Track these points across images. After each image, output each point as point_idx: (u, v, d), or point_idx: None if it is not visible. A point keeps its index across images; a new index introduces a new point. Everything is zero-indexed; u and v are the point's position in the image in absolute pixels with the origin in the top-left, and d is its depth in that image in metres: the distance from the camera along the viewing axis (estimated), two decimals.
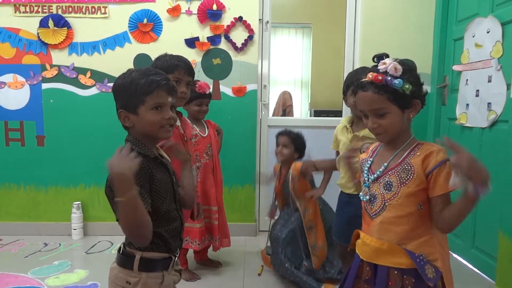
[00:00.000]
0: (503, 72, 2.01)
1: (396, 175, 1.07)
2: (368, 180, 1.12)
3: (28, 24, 2.65)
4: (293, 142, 2.09)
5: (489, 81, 2.11)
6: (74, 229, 2.73)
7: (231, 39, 2.67)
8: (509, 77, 1.87)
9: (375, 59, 1.11)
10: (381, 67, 1.05)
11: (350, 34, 2.83)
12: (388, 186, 1.08)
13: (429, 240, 1.07)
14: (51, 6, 2.64)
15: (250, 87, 2.73)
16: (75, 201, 2.75)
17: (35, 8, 2.64)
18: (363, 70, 1.14)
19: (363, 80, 1.07)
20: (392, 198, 1.07)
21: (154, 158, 1.11)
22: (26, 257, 2.42)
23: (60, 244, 2.64)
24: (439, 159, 1.04)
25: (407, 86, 1.04)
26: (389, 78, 1.03)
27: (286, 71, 5.11)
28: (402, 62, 1.07)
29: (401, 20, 2.71)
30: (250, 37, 2.68)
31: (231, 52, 2.70)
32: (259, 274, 2.20)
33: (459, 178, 0.93)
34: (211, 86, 2.68)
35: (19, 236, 2.75)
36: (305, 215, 2.02)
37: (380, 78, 1.03)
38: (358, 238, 1.19)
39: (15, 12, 2.65)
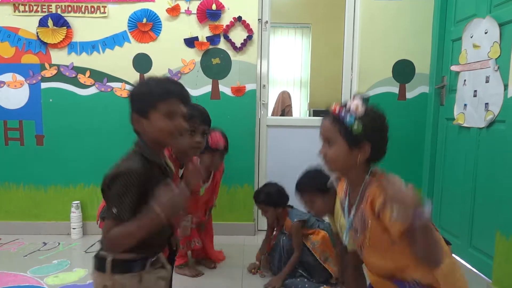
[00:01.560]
0: (500, 72, 2.02)
1: (358, 222, 1.11)
2: (347, 224, 1.16)
3: (28, 24, 2.66)
4: (270, 204, 2.09)
5: (487, 81, 2.13)
6: (74, 229, 2.73)
7: (230, 39, 2.68)
8: (507, 78, 1.88)
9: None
10: (349, 103, 1.10)
11: (349, 35, 2.83)
12: (355, 231, 1.12)
13: (417, 267, 1.05)
14: (50, 5, 2.64)
15: (249, 86, 2.73)
16: (74, 200, 2.75)
17: (34, 8, 2.64)
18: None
19: (326, 109, 1.15)
20: (363, 241, 1.10)
21: (158, 165, 1.12)
22: (26, 256, 2.43)
23: (59, 243, 2.64)
24: (380, 203, 1.03)
25: (355, 127, 1.07)
26: (343, 114, 1.08)
27: (285, 71, 5.12)
28: (372, 108, 1.10)
29: (399, 20, 2.72)
30: (249, 37, 2.68)
31: (230, 52, 2.70)
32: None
33: (395, 210, 0.92)
34: (210, 86, 2.72)
35: (18, 235, 2.76)
36: (315, 249, 2.01)
37: (337, 111, 1.09)
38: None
39: (15, 11, 2.65)
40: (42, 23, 2.64)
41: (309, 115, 4.81)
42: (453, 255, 2.44)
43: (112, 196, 1.02)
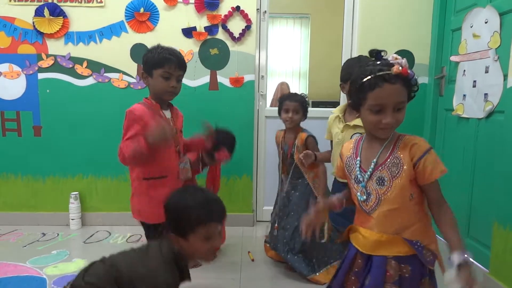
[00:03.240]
0: (500, 62, 2.01)
1: (387, 170, 1.09)
2: (363, 180, 1.13)
3: (24, 13, 2.63)
4: (302, 107, 2.08)
5: (486, 71, 2.12)
6: (72, 219, 2.74)
7: (228, 29, 2.66)
8: (506, 68, 1.87)
9: (374, 54, 1.10)
10: (396, 61, 1.03)
11: (348, 25, 2.81)
12: (380, 181, 1.10)
13: (422, 227, 1.11)
14: None
15: (247, 77, 2.72)
16: (73, 191, 2.75)
17: None
18: (366, 60, 1.13)
19: (388, 73, 1.02)
20: (386, 192, 1.08)
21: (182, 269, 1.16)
22: (25, 246, 2.43)
23: (58, 234, 2.65)
24: (423, 149, 1.07)
25: (417, 86, 1.08)
26: (412, 73, 1.04)
27: (284, 61, 5.09)
28: None
29: (399, 10, 2.69)
30: (248, 27, 2.66)
31: (229, 42, 2.68)
32: (252, 260, 2.26)
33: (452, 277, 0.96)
34: (209, 77, 2.70)
35: (17, 226, 2.76)
36: (315, 186, 2.03)
37: (409, 72, 1.03)
38: (350, 232, 1.21)
39: (10, 1, 2.61)
40: (38, 12, 2.61)
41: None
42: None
43: None
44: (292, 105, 2.06)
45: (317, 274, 2.00)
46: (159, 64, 1.68)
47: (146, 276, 1.05)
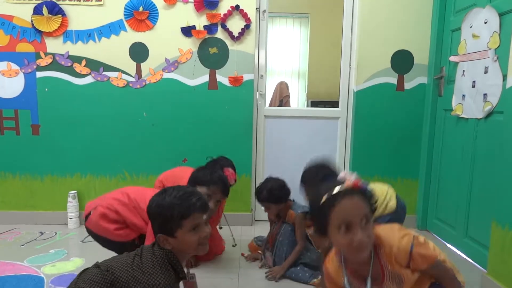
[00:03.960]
0: (499, 63, 2.01)
1: (391, 284, 1.09)
2: None
3: (22, 11, 2.61)
4: (273, 201, 2.08)
5: (486, 72, 2.12)
6: (70, 218, 2.73)
7: (227, 28, 2.65)
8: (505, 68, 1.87)
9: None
10: (347, 177, 1.07)
11: (348, 25, 2.81)
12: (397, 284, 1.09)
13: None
14: None
15: (246, 76, 2.71)
16: (71, 190, 2.74)
17: None
18: (330, 193, 1.05)
19: (343, 189, 1.01)
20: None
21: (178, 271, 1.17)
22: (22, 245, 2.43)
23: (56, 233, 2.64)
24: (406, 253, 1.05)
25: (373, 196, 1.07)
26: (364, 187, 1.04)
27: (283, 61, 5.08)
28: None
29: (399, 10, 2.69)
30: (247, 26, 2.65)
31: (228, 41, 2.68)
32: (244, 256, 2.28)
33: None
34: (208, 76, 2.70)
35: (15, 225, 2.75)
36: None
37: (360, 185, 1.02)
38: None
39: None
40: (37, 10, 2.60)
41: (307, 106, 4.78)
42: (449, 245, 2.47)
43: None
44: (262, 204, 2.12)
45: (319, 278, 1.99)
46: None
47: (142, 279, 1.06)
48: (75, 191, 2.75)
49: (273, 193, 2.07)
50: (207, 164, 2.21)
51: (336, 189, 1.01)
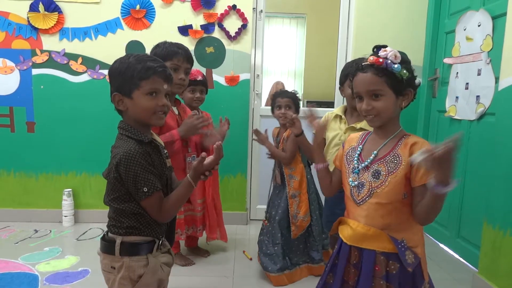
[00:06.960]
0: (492, 65, 2.04)
1: (385, 164, 1.10)
2: (358, 167, 1.15)
3: (18, 8, 2.60)
4: (294, 103, 2.09)
5: (479, 74, 2.15)
6: (65, 216, 2.73)
7: (224, 28, 2.66)
8: (498, 71, 1.90)
9: (374, 49, 1.15)
10: (382, 53, 1.09)
11: (344, 25, 2.83)
12: (376, 174, 1.10)
13: (411, 228, 1.11)
14: None
15: (243, 76, 2.73)
16: (66, 188, 2.74)
17: None
18: (361, 60, 1.17)
19: (364, 63, 1.12)
20: (380, 186, 1.09)
21: (149, 142, 1.12)
22: (17, 243, 2.42)
23: (51, 231, 2.63)
24: (422, 151, 1.06)
25: (404, 72, 1.09)
26: (389, 62, 1.07)
27: (279, 61, 5.10)
28: (401, 53, 1.12)
29: (394, 12, 2.72)
30: (244, 26, 2.67)
31: (225, 41, 2.68)
32: (250, 259, 2.26)
33: (423, 161, 0.92)
34: (205, 74, 2.70)
35: (9, 223, 2.74)
36: (289, 183, 2.01)
37: (381, 60, 1.08)
38: (339, 224, 1.22)
39: None
40: (33, 7, 2.59)
41: (303, 106, 4.80)
42: (441, 245, 2.50)
43: (132, 181, 1.05)
44: (284, 101, 2.07)
45: (282, 273, 1.96)
46: (167, 57, 1.72)
47: (123, 156, 1.04)
48: (70, 189, 2.74)
49: (297, 97, 2.12)
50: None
51: (360, 63, 1.13)
